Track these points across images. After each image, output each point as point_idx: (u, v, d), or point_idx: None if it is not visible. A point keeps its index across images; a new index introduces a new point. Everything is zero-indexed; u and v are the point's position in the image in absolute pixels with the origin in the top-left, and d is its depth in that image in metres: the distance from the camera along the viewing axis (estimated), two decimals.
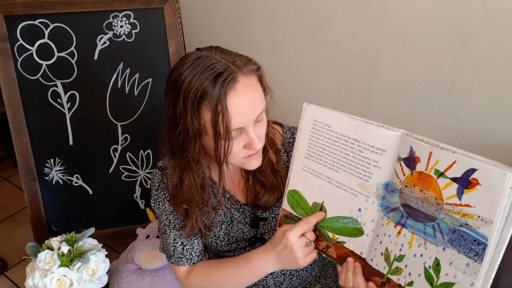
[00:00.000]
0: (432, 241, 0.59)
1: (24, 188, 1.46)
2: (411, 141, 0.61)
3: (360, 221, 0.69)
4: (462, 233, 0.55)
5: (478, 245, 0.54)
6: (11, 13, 1.32)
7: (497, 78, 1.05)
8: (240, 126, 0.70)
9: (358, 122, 0.68)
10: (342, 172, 0.71)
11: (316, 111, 0.74)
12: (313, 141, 0.74)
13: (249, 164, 0.78)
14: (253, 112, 0.71)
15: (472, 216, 0.54)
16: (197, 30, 1.61)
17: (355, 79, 1.30)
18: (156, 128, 1.48)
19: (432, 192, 0.59)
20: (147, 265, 1.23)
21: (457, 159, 0.55)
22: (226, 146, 0.71)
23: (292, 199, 0.79)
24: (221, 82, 0.67)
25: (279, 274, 0.93)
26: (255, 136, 0.72)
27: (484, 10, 1.01)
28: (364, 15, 1.19)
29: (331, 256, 0.75)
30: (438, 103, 1.17)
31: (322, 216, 0.74)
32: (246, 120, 0.70)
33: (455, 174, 0.56)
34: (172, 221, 0.87)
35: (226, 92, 0.67)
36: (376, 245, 0.67)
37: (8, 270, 1.62)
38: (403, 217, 0.63)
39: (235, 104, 0.68)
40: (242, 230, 0.88)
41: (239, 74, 0.70)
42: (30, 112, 1.41)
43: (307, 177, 0.76)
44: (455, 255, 0.56)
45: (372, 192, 0.67)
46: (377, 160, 0.66)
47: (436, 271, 0.58)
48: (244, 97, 0.69)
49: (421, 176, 0.60)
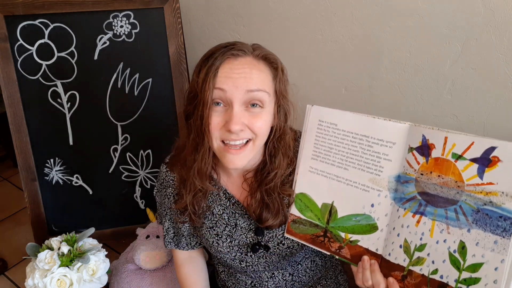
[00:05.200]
0: (455, 224, 0.59)
1: (24, 188, 1.46)
2: (422, 130, 0.63)
3: (373, 217, 0.69)
4: (487, 211, 0.56)
5: (504, 221, 0.54)
6: (11, 13, 1.32)
7: (497, 78, 1.05)
8: (223, 88, 0.69)
9: (365, 117, 0.69)
10: (351, 169, 0.71)
11: (320, 111, 0.74)
12: (320, 141, 0.74)
13: (226, 158, 0.74)
14: (243, 84, 0.69)
15: (495, 193, 0.55)
16: (197, 30, 1.61)
17: (355, 79, 1.30)
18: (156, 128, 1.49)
19: (451, 176, 0.60)
20: (147, 265, 1.23)
21: (475, 140, 0.57)
22: (206, 110, 0.70)
23: (300, 203, 0.78)
24: (229, 49, 0.70)
25: (280, 280, 0.92)
26: (237, 116, 0.70)
27: (484, 10, 1.01)
28: (364, 15, 1.19)
29: (345, 257, 0.73)
30: (438, 103, 1.17)
31: None
32: (232, 88, 0.69)
33: (474, 154, 0.57)
34: (169, 214, 0.93)
35: (225, 55, 0.70)
36: (393, 239, 0.67)
37: (8, 270, 1.62)
38: (422, 205, 0.63)
39: (229, 67, 0.70)
40: (245, 235, 0.86)
41: (249, 53, 0.71)
42: (30, 112, 1.41)
43: (315, 178, 0.75)
44: (481, 235, 0.56)
45: (384, 186, 0.67)
46: (387, 153, 0.67)
47: (462, 254, 0.58)
48: (240, 67, 0.70)
49: (438, 162, 0.61)
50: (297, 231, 0.79)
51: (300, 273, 0.93)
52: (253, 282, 0.93)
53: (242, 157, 0.74)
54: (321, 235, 0.75)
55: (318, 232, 0.75)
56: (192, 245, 0.96)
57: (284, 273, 0.91)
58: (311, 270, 0.94)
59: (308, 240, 0.77)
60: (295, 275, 0.92)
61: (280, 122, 0.78)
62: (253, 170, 0.84)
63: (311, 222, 0.76)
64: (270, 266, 0.89)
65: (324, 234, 0.75)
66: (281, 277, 0.92)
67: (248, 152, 0.75)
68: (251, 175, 0.84)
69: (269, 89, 0.74)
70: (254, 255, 0.86)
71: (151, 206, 1.53)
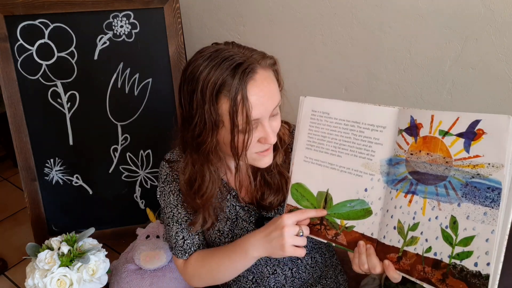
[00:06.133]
0: (445, 200, 0.60)
1: (24, 188, 1.46)
2: (410, 111, 0.64)
3: (367, 201, 0.70)
4: (475, 184, 0.57)
5: (492, 192, 0.55)
6: (11, 13, 1.32)
7: (497, 78, 1.05)
8: (258, 117, 0.70)
9: (356, 104, 0.71)
10: (344, 156, 0.72)
11: (313, 101, 0.76)
12: (313, 131, 0.76)
13: (261, 161, 0.77)
14: (271, 104, 0.71)
15: (482, 165, 0.56)
16: (197, 30, 1.61)
17: (355, 79, 1.30)
18: (156, 128, 1.49)
19: (439, 153, 0.61)
20: (147, 265, 1.23)
21: (460, 115, 0.58)
22: (245, 138, 0.70)
23: (296, 193, 0.79)
24: (241, 72, 0.67)
25: (280, 275, 0.92)
26: (271, 130, 0.73)
27: (484, 10, 1.01)
28: (364, 15, 1.19)
29: (341, 244, 0.74)
30: (438, 103, 1.17)
31: (324, 213, 0.74)
32: (263, 112, 0.70)
33: (460, 129, 0.58)
34: (176, 215, 0.88)
35: (246, 82, 0.68)
36: (387, 221, 0.67)
37: (8, 270, 1.62)
38: (413, 185, 0.64)
39: (254, 94, 0.69)
40: (246, 228, 0.88)
41: (258, 66, 0.70)
42: (30, 112, 1.41)
43: (310, 167, 0.77)
44: (471, 208, 0.57)
45: (376, 170, 0.69)
46: (378, 138, 0.68)
47: (454, 229, 0.59)
48: (263, 88, 0.70)
49: (426, 140, 0.62)
50: None
51: (300, 269, 0.93)
52: (254, 278, 0.93)
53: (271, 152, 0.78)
54: (317, 224, 0.76)
55: (315, 220, 0.76)
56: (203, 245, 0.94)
57: (284, 268, 0.92)
58: (311, 267, 0.95)
59: None
60: (295, 271, 0.93)
61: None
62: None
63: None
64: (271, 260, 0.90)
65: (320, 222, 0.75)
66: (281, 272, 0.92)
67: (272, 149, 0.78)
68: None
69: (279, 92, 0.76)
70: None
71: (151, 206, 1.53)
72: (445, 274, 0.59)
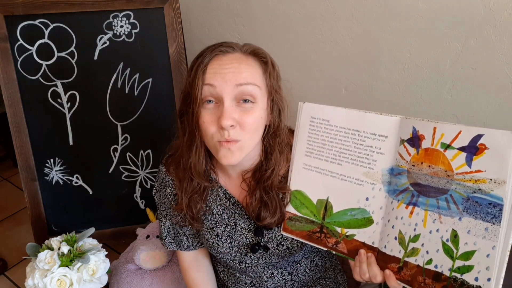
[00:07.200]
0: (446, 213, 0.60)
1: (24, 188, 1.46)
2: (413, 121, 0.64)
3: (368, 210, 0.69)
4: (477, 199, 0.56)
5: (494, 207, 0.55)
6: (11, 13, 1.32)
7: (497, 78, 1.05)
8: (211, 82, 0.70)
9: (356, 112, 0.70)
10: (345, 164, 0.71)
11: (312, 108, 0.75)
12: (312, 138, 0.75)
13: (220, 153, 0.73)
14: (232, 78, 0.70)
15: (484, 180, 0.55)
16: (197, 30, 1.61)
17: (355, 79, 1.30)
18: (156, 128, 1.49)
19: (441, 166, 0.60)
20: (147, 265, 1.23)
21: (462, 128, 0.58)
22: (197, 105, 0.71)
23: (295, 200, 0.78)
24: (218, 46, 0.71)
25: (279, 279, 0.92)
26: (228, 111, 0.69)
27: (484, 10, 1.01)
28: (364, 15, 1.19)
29: (342, 252, 0.74)
30: (438, 103, 1.17)
31: None
32: (221, 83, 0.69)
33: (462, 143, 0.58)
34: (169, 213, 0.93)
35: (214, 52, 0.71)
36: (388, 231, 0.67)
37: (8, 270, 1.62)
38: (414, 196, 0.63)
39: (216, 63, 0.71)
40: (245, 235, 0.86)
41: (238, 49, 0.73)
42: (30, 112, 1.41)
43: (309, 175, 0.76)
44: (472, 223, 0.57)
45: (378, 179, 0.68)
46: (380, 147, 0.67)
47: (454, 243, 0.59)
48: (229, 63, 0.71)
49: (428, 152, 0.62)
50: (293, 228, 0.79)
51: (300, 272, 0.93)
52: (252, 282, 0.93)
53: (235, 150, 0.72)
54: (317, 231, 0.75)
55: (314, 228, 0.76)
56: (194, 245, 0.96)
57: (283, 272, 0.91)
58: (310, 270, 0.94)
59: (304, 237, 0.78)
60: (294, 274, 0.92)
61: (274, 118, 0.78)
62: (251, 170, 0.84)
63: (307, 219, 0.77)
64: (269, 266, 0.89)
65: (320, 230, 0.75)
66: (280, 276, 0.92)
67: (239, 146, 0.73)
68: (249, 175, 0.84)
69: (260, 83, 0.73)
70: (253, 256, 0.86)
71: (151, 206, 1.53)
72: (446, 287, 0.59)
